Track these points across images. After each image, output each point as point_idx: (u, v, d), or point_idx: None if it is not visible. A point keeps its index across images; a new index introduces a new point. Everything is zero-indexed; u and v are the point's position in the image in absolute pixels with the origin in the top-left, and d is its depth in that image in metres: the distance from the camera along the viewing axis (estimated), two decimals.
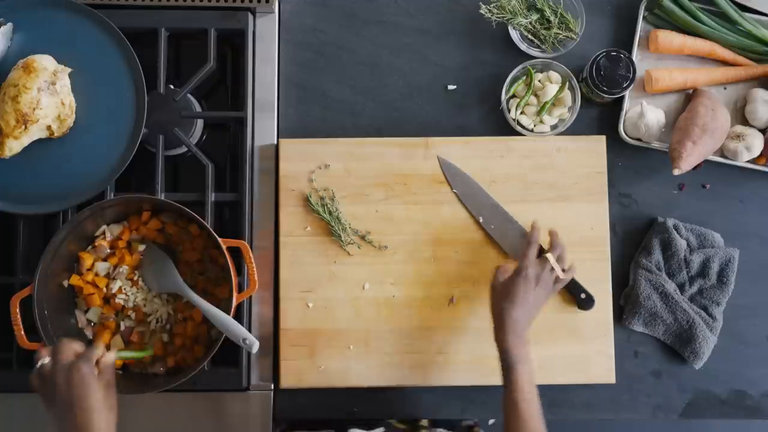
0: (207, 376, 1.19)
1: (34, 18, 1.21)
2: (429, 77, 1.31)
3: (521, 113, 1.27)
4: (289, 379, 1.22)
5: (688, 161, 1.17)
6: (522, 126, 1.27)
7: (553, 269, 1.14)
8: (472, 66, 1.31)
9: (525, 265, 1.12)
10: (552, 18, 1.27)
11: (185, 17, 1.26)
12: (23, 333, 1.13)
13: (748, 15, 1.27)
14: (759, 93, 1.26)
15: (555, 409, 1.24)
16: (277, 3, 1.29)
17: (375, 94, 1.31)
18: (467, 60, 1.31)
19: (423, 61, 1.31)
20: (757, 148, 1.24)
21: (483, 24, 1.29)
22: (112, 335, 1.18)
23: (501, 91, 1.27)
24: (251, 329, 1.23)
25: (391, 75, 1.31)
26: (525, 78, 1.28)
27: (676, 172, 1.18)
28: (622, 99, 1.27)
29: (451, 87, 1.31)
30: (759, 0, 1.28)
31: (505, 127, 1.28)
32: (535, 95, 1.28)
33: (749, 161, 1.26)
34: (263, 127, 1.28)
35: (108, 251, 1.20)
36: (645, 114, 1.24)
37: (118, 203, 1.18)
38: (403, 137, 1.27)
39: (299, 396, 1.24)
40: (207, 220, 1.22)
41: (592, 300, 1.22)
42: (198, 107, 1.29)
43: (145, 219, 1.21)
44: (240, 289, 1.18)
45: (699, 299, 1.26)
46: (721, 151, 1.26)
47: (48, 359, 0.99)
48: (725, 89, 1.29)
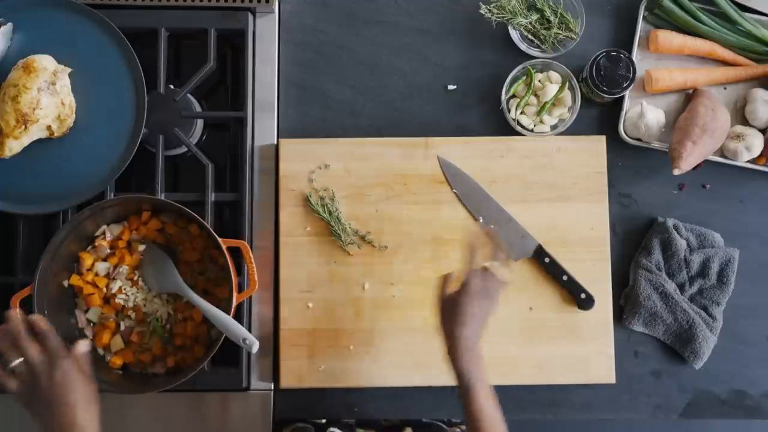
0: (207, 376, 1.19)
1: (34, 18, 1.21)
2: (429, 77, 1.31)
3: (521, 113, 1.27)
4: (289, 379, 1.22)
5: (688, 161, 1.17)
6: (522, 126, 1.27)
7: (497, 276, 1.08)
8: (472, 66, 1.31)
9: (469, 279, 1.06)
10: (552, 18, 1.27)
11: (185, 17, 1.26)
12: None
13: (748, 15, 1.27)
14: (759, 93, 1.26)
15: (555, 409, 1.24)
16: (277, 3, 1.29)
17: (375, 94, 1.31)
18: (467, 60, 1.31)
19: (423, 61, 1.31)
20: (757, 148, 1.24)
21: (483, 24, 1.29)
22: (112, 335, 1.18)
23: (501, 91, 1.27)
24: (251, 329, 1.23)
25: (391, 75, 1.31)
26: (525, 78, 1.28)
27: (676, 172, 1.18)
28: (622, 99, 1.27)
29: (451, 87, 1.31)
30: (759, 0, 1.28)
31: (505, 127, 1.28)
32: (535, 95, 1.28)
33: (749, 161, 1.26)
34: (263, 127, 1.28)
35: (108, 251, 1.20)
36: (645, 114, 1.24)
37: (118, 203, 1.18)
38: (403, 137, 1.27)
39: (299, 396, 1.24)
40: (207, 220, 1.22)
41: (592, 300, 1.22)
42: (198, 107, 1.29)
43: (145, 219, 1.21)
44: (240, 289, 1.18)
45: (699, 299, 1.26)
46: (721, 151, 1.26)
47: (19, 360, 0.98)
48: (725, 89, 1.29)
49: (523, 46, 1.29)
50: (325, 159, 1.26)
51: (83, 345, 1.02)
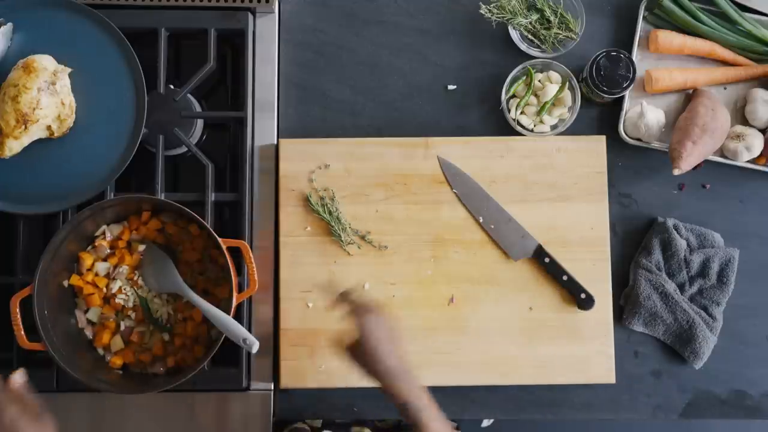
0: (207, 376, 1.19)
1: (34, 18, 1.21)
2: (429, 77, 1.31)
3: (521, 113, 1.27)
4: (289, 379, 1.22)
5: (688, 161, 1.17)
6: (522, 126, 1.27)
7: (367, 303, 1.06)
8: (472, 66, 1.31)
9: (359, 325, 1.03)
10: (552, 18, 1.27)
11: (185, 17, 1.26)
12: (23, 333, 1.13)
13: (748, 15, 1.27)
14: (759, 93, 1.26)
15: (555, 409, 1.24)
16: (277, 3, 1.29)
17: (375, 94, 1.31)
18: (467, 60, 1.31)
19: (423, 61, 1.31)
20: (757, 148, 1.24)
21: (483, 24, 1.29)
22: (112, 335, 1.18)
23: (501, 91, 1.27)
24: (251, 329, 1.23)
25: (391, 75, 1.31)
26: (525, 78, 1.28)
27: (676, 172, 1.18)
28: (622, 99, 1.27)
29: (451, 87, 1.31)
30: (759, 0, 1.28)
31: (505, 127, 1.28)
32: (535, 95, 1.28)
33: (749, 161, 1.26)
34: (263, 127, 1.28)
35: (108, 251, 1.20)
36: (645, 114, 1.24)
37: (118, 203, 1.18)
38: (403, 137, 1.27)
39: (299, 396, 1.24)
40: (207, 220, 1.22)
41: (592, 300, 1.22)
42: (198, 107, 1.29)
43: (145, 219, 1.21)
44: (240, 289, 1.18)
45: (699, 299, 1.26)
46: (721, 151, 1.26)
47: None
48: (725, 89, 1.29)
49: (523, 46, 1.29)
50: (325, 159, 1.26)
51: (19, 376, 0.99)
